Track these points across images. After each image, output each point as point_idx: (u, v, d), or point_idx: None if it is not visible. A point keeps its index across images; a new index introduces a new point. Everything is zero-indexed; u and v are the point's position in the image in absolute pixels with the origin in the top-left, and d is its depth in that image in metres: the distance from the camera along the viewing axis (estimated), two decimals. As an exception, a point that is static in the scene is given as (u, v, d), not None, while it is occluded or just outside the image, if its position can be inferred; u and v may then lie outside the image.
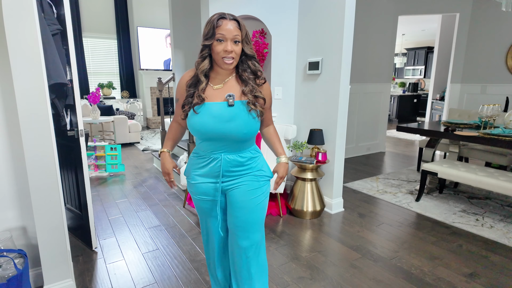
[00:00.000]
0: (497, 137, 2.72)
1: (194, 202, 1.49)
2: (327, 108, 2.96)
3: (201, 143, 1.36)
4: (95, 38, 7.83)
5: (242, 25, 1.25)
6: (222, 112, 1.27)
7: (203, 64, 1.27)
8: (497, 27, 4.67)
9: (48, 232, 1.73)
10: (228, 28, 1.21)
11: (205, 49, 1.26)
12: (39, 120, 1.61)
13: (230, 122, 1.27)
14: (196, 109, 1.27)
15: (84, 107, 5.89)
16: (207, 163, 1.37)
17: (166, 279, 2.04)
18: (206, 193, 1.41)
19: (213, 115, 1.27)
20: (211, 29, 1.22)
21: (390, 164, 4.79)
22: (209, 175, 1.38)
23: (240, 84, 1.33)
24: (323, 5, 2.88)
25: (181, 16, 4.85)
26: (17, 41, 1.51)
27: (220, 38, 1.22)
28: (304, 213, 2.91)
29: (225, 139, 1.30)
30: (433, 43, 8.87)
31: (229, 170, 1.36)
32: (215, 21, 1.22)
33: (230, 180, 1.38)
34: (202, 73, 1.28)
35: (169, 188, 3.73)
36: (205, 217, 1.50)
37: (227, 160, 1.34)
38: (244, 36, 1.26)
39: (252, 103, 1.29)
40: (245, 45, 1.27)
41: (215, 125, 1.26)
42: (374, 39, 4.94)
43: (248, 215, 1.38)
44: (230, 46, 1.22)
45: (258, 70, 1.34)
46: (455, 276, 2.07)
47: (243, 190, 1.37)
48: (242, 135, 1.30)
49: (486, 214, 3.02)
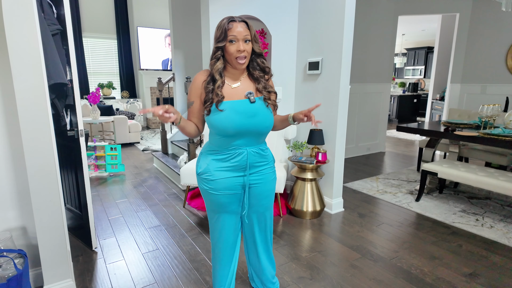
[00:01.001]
0: (497, 137, 2.72)
1: (212, 199, 1.50)
2: (327, 108, 2.96)
3: (221, 139, 1.41)
4: (95, 38, 7.83)
5: (250, 26, 1.36)
6: (245, 108, 1.38)
7: (217, 64, 1.37)
8: (497, 27, 4.67)
9: (48, 232, 1.73)
10: (239, 30, 1.32)
11: (218, 51, 1.37)
12: (39, 120, 1.61)
13: (254, 117, 1.39)
14: (219, 106, 1.36)
15: (84, 107, 5.89)
16: (230, 159, 1.44)
17: (166, 279, 2.04)
18: (229, 187, 1.47)
19: (238, 112, 1.37)
20: (223, 32, 1.33)
21: (390, 164, 4.79)
22: (234, 169, 1.46)
23: (253, 82, 1.46)
24: (323, 5, 2.88)
25: (181, 16, 4.85)
26: (17, 41, 1.51)
27: (232, 39, 1.32)
28: (304, 213, 2.91)
29: (249, 133, 1.40)
30: (433, 43, 8.87)
31: (254, 162, 1.47)
32: (226, 24, 1.33)
33: (255, 172, 1.50)
34: (217, 73, 1.38)
35: (169, 188, 3.74)
36: (220, 214, 1.54)
37: (252, 153, 1.45)
38: (253, 35, 1.37)
39: (267, 98, 1.43)
40: (254, 44, 1.39)
41: (242, 120, 1.37)
42: (374, 39, 4.94)
43: (269, 202, 1.61)
44: (242, 45, 1.33)
45: (266, 67, 1.46)
46: (455, 276, 2.07)
47: (267, 181, 1.54)
48: (264, 129, 1.43)
49: (486, 214, 3.02)
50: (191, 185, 3.24)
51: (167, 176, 4.18)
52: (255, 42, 1.39)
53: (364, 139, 5.33)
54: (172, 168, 3.95)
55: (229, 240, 1.61)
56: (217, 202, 1.50)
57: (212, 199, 1.50)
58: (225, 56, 1.38)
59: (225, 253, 1.62)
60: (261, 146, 1.49)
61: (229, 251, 1.63)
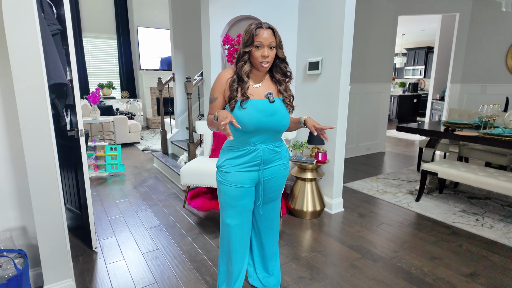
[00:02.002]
0: (497, 137, 2.72)
1: (224, 190, 1.57)
2: (327, 108, 2.96)
3: (240, 135, 1.50)
4: (95, 38, 7.83)
5: (276, 33, 1.46)
6: (265, 107, 1.47)
7: (245, 67, 1.46)
8: (497, 27, 4.67)
9: (48, 232, 1.73)
10: (265, 37, 1.41)
11: (245, 54, 1.46)
12: (39, 120, 1.61)
13: (273, 116, 1.47)
14: (243, 104, 1.45)
15: (84, 107, 5.89)
16: (246, 154, 1.52)
17: (166, 279, 2.04)
18: (241, 181, 1.55)
19: (258, 110, 1.45)
20: (251, 37, 1.42)
21: (390, 164, 4.79)
22: (248, 164, 1.54)
23: (274, 83, 1.55)
24: (323, 5, 2.88)
25: (181, 16, 4.85)
26: (17, 41, 1.51)
27: (258, 45, 1.42)
28: (304, 213, 2.91)
29: (267, 130, 1.49)
30: (433, 43, 8.87)
31: (268, 158, 1.55)
32: (254, 30, 1.42)
33: (268, 167, 1.58)
34: (245, 75, 1.47)
35: (169, 188, 3.74)
36: (231, 210, 1.59)
37: (266, 150, 1.53)
38: (278, 42, 1.47)
39: (288, 100, 1.53)
40: (278, 50, 1.48)
41: (261, 118, 1.45)
42: (374, 39, 4.94)
43: (278, 194, 1.72)
44: (267, 51, 1.42)
45: (288, 71, 1.56)
46: (455, 276, 2.07)
47: (279, 177, 1.63)
48: (281, 127, 1.52)
49: (486, 214, 3.02)
50: (191, 185, 3.24)
51: (167, 176, 4.18)
52: (280, 48, 1.48)
53: (364, 139, 5.33)
54: (172, 168, 3.95)
55: (243, 237, 1.67)
56: (229, 194, 1.56)
57: (224, 190, 1.57)
58: (250, 59, 1.47)
59: (238, 250, 1.66)
60: (276, 143, 1.57)
61: (242, 248, 1.68)
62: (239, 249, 1.66)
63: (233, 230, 1.62)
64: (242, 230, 1.64)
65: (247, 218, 1.65)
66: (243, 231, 1.65)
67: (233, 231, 1.62)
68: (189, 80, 3.64)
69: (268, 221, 1.77)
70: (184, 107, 5.13)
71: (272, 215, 1.77)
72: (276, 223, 1.82)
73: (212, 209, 3.12)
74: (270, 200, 1.71)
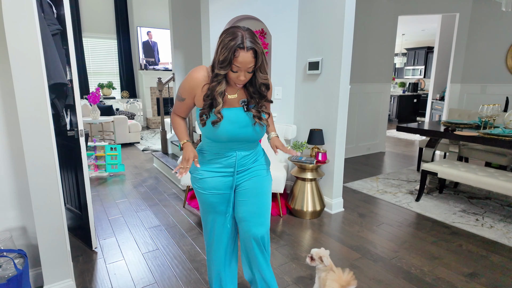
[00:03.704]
0: (497, 137, 2.72)
1: (202, 198, 1.52)
2: (327, 108, 2.96)
3: (211, 143, 1.43)
4: (95, 38, 7.83)
5: (259, 53, 1.25)
6: (238, 118, 1.37)
7: (220, 87, 1.31)
8: (497, 27, 4.67)
9: (48, 232, 1.73)
10: (244, 61, 1.23)
11: (219, 75, 1.29)
12: (39, 120, 1.61)
13: (246, 127, 1.39)
14: (215, 126, 1.34)
15: (84, 107, 5.89)
16: (218, 159, 1.46)
17: (166, 279, 2.04)
18: (216, 187, 1.48)
19: (231, 121, 1.36)
20: (228, 60, 1.23)
21: (390, 164, 4.79)
22: (221, 170, 1.47)
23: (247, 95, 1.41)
24: (323, 5, 2.88)
25: (181, 16, 4.85)
26: (17, 41, 1.51)
27: (236, 70, 1.26)
28: (304, 213, 2.91)
29: (241, 141, 1.42)
30: (433, 43, 8.87)
31: (242, 163, 1.48)
32: (233, 52, 1.21)
33: (243, 171, 1.49)
34: (220, 96, 1.32)
35: (169, 188, 3.74)
36: (211, 215, 1.55)
37: (241, 156, 1.46)
38: (260, 64, 1.28)
39: (257, 117, 1.38)
40: (259, 73, 1.31)
41: (234, 130, 1.37)
42: (374, 39, 4.94)
43: (262, 201, 1.52)
44: (244, 75, 1.28)
45: (265, 95, 1.39)
46: (455, 276, 2.07)
47: (256, 179, 1.51)
48: (255, 138, 1.44)
49: (486, 214, 3.02)
50: (191, 185, 3.24)
51: (167, 176, 4.18)
52: (261, 72, 1.31)
53: (364, 139, 5.33)
54: (172, 168, 3.95)
55: (222, 242, 1.60)
56: (206, 201, 1.52)
57: (201, 198, 1.52)
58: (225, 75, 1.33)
59: (218, 255, 1.62)
60: (252, 149, 1.50)
61: (223, 253, 1.63)
62: (216, 252, 1.61)
63: (211, 231, 1.59)
64: (220, 234, 1.58)
65: (226, 222, 1.57)
66: (221, 235, 1.58)
67: (211, 233, 1.59)
68: (189, 80, 3.64)
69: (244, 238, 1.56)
70: (184, 107, 5.12)
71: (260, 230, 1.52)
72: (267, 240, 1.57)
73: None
74: (262, 210, 1.51)
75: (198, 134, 4.13)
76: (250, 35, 1.24)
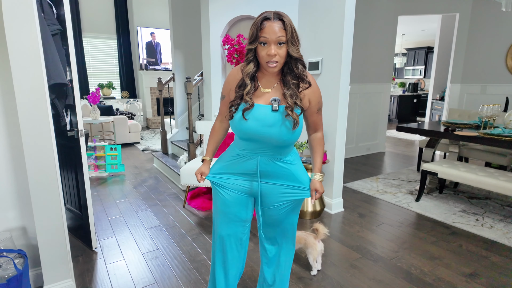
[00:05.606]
0: (497, 137, 2.72)
1: (216, 195, 1.46)
2: (327, 108, 2.96)
3: (240, 140, 1.36)
4: (95, 38, 7.83)
5: (288, 25, 1.18)
6: (265, 116, 1.26)
7: (248, 67, 1.25)
8: (497, 27, 4.67)
9: (48, 232, 1.73)
10: (272, 30, 1.16)
11: (249, 52, 1.24)
12: (39, 120, 1.61)
13: (271, 127, 1.26)
14: (245, 114, 1.26)
15: (84, 107, 5.89)
16: (243, 161, 1.38)
17: (166, 279, 2.04)
18: (233, 188, 1.42)
19: (256, 118, 1.27)
20: (255, 32, 1.18)
21: (390, 164, 4.79)
22: (240, 173, 1.40)
23: (283, 87, 1.30)
24: (323, 5, 2.88)
25: (181, 16, 4.85)
26: (17, 41, 1.51)
27: (264, 41, 1.18)
28: (304, 213, 2.91)
29: (263, 142, 1.30)
30: (433, 43, 8.87)
31: (268, 171, 1.37)
32: (259, 23, 1.17)
33: (267, 182, 1.40)
34: (248, 76, 1.26)
35: (169, 188, 3.74)
36: (221, 215, 1.46)
37: (264, 161, 1.35)
38: (290, 36, 1.19)
39: (290, 108, 1.25)
40: (290, 46, 1.20)
41: (256, 128, 1.27)
42: (374, 39, 4.94)
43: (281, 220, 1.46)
44: (274, 49, 1.17)
45: (303, 74, 1.27)
46: (455, 276, 2.07)
47: (278, 200, 1.41)
48: (281, 141, 1.29)
49: (486, 214, 3.02)
50: (191, 185, 3.24)
51: (167, 176, 4.18)
52: (292, 45, 1.20)
53: (364, 139, 5.33)
54: (172, 168, 3.95)
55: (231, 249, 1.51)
56: (220, 199, 1.45)
57: (216, 195, 1.47)
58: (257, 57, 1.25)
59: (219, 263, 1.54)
60: (278, 158, 1.35)
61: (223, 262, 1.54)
62: (219, 263, 1.52)
63: (219, 240, 1.49)
64: (230, 243, 1.48)
65: (237, 231, 1.48)
66: (231, 243, 1.48)
67: (219, 242, 1.49)
68: (189, 80, 3.64)
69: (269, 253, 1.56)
70: (184, 107, 5.13)
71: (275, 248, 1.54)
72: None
73: (212, 209, 3.13)
74: (274, 224, 1.48)
75: (198, 134, 4.13)
76: (278, 11, 1.21)
